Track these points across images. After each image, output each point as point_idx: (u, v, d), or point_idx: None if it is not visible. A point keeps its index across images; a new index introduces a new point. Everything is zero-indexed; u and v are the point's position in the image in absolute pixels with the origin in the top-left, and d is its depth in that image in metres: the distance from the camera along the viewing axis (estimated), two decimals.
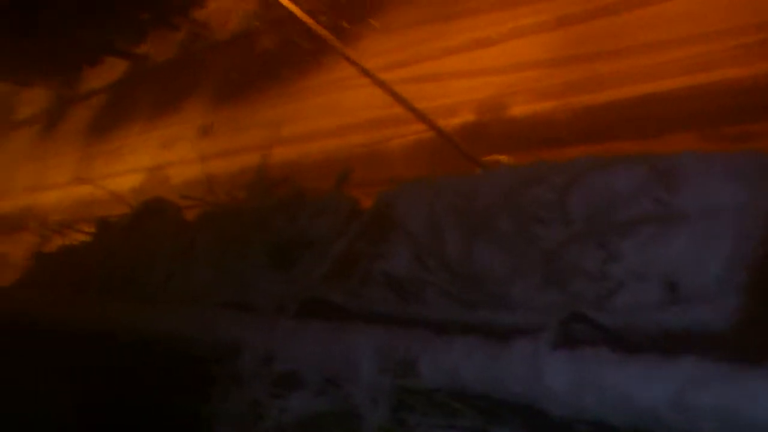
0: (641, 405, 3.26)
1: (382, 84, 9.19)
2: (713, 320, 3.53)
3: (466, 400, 3.98)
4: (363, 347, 4.26)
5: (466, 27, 11.98)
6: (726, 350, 3.34)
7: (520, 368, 3.72)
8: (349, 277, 5.18)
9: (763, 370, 2.97)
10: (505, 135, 10.44)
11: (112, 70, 22.20)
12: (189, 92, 18.66)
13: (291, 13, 8.93)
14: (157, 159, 18.25)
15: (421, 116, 9.42)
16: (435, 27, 12.55)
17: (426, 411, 4.12)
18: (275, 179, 11.03)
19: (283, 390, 4.76)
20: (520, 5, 11.36)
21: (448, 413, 4.05)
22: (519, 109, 10.46)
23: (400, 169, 11.74)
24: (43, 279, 9.51)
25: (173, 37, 20.53)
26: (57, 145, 23.31)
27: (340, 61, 11.54)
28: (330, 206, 6.02)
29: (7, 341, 8.53)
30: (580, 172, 4.81)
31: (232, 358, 5.21)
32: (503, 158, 10.10)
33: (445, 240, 4.97)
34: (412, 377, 4.09)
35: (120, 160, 19.67)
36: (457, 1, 12.52)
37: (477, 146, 10.06)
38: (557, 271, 4.57)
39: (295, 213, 6.31)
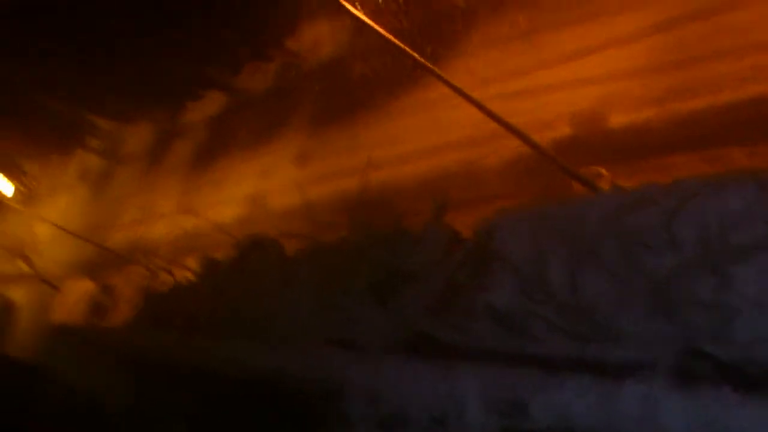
0: None
1: (475, 102, 9.08)
2: None
3: None
4: (470, 387, 4.19)
5: (557, 40, 11.76)
6: None
7: (635, 409, 3.58)
8: (452, 310, 5.13)
9: None
10: (603, 146, 10.16)
11: (211, 104, 22.95)
12: (285, 120, 19.05)
13: (382, 37, 8.97)
14: (257, 187, 18.65)
15: (516, 132, 9.25)
16: (525, 42, 12.38)
17: None
18: (372, 209, 11.15)
19: (390, 430, 4.74)
20: (612, 15, 11.07)
21: None
22: (616, 119, 10.17)
23: (497, 186, 11.58)
24: (154, 317, 9.83)
25: (268, 68, 21.03)
26: (161, 179, 24.18)
27: (432, 82, 11.54)
28: (429, 237, 5.98)
29: (121, 379, 8.88)
30: (687, 194, 4.61)
31: (339, 397, 5.23)
32: (602, 170, 9.83)
33: (549, 270, 4.85)
34: (522, 418, 4.00)
35: (222, 190, 20.20)
36: (545, 15, 12.32)
37: (575, 159, 9.78)
38: (667, 300, 4.39)
39: (394, 245, 6.29)
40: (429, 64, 8.93)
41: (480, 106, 9.05)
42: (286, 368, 5.72)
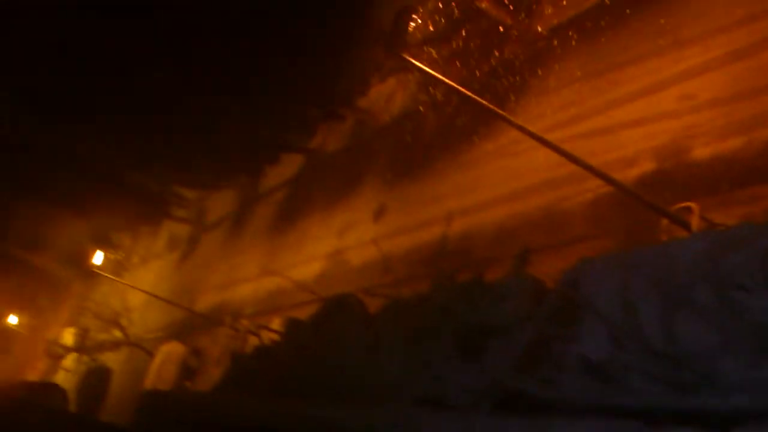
0: None
1: (551, 144, 8.89)
2: None
3: None
4: None
5: (631, 76, 11.50)
6: None
7: None
8: (541, 364, 4.92)
9: None
10: (690, 180, 9.76)
11: (289, 166, 23.44)
12: (361, 177, 19.27)
13: (451, 88, 8.94)
14: (336, 245, 18.82)
15: (596, 171, 9.00)
16: (597, 81, 12.18)
17: None
18: (452, 259, 11.00)
19: None
20: (686, 46, 10.77)
21: None
22: (701, 152, 9.78)
23: (580, 229, 11.26)
24: (240, 380, 9.85)
25: (341, 127, 21.42)
26: (244, 242, 24.69)
27: (504, 128, 11.44)
28: (512, 290, 5.78)
29: None
30: None
31: None
32: (692, 205, 9.45)
33: (641, 317, 4.60)
34: None
35: (302, 249, 20.46)
36: (615, 53, 12.12)
37: (661, 195, 9.47)
38: None
39: (478, 299, 6.13)
40: (501, 111, 8.83)
41: (556, 149, 8.85)
42: (375, 428, 5.58)
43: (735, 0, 10.37)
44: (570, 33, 13.40)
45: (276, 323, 17.22)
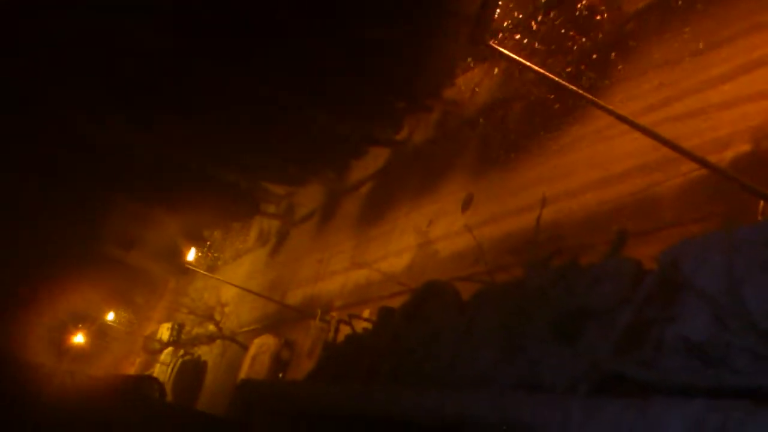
0: None
1: (642, 128, 8.71)
2: None
3: None
4: (674, 424, 3.91)
5: (725, 56, 11.15)
6: None
7: None
8: (641, 346, 4.84)
9: None
10: None
11: (376, 159, 23.66)
12: (449, 168, 19.25)
13: (539, 75, 8.85)
14: (425, 236, 18.85)
15: (689, 155, 8.78)
16: (689, 62, 11.86)
17: None
18: (546, 248, 10.76)
19: None
20: None
21: None
22: None
23: (674, 213, 11.03)
24: (334, 369, 9.99)
25: (428, 119, 21.44)
26: (333, 236, 25.02)
27: (594, 113, 11.26)
28: (610, 272, 5.70)
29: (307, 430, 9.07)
30: None
31: None
32: None
33: (746, 296, 4.49)
34: None
35: (390, 241, 20.61)
36: (711, 31, 11.75)
37: (758, 176, 9.18)
38: None
39: (573, 282, 6.07)
40: (590, 96, 8.69)
41: (648, 132, 8.68)
42: (473, 413, 5.61)
43: None
44: (660, 13, 13.09)
45: (366, 313, 17.44)
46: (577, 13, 14.57)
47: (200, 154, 22.24)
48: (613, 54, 13.71)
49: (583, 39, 14.51)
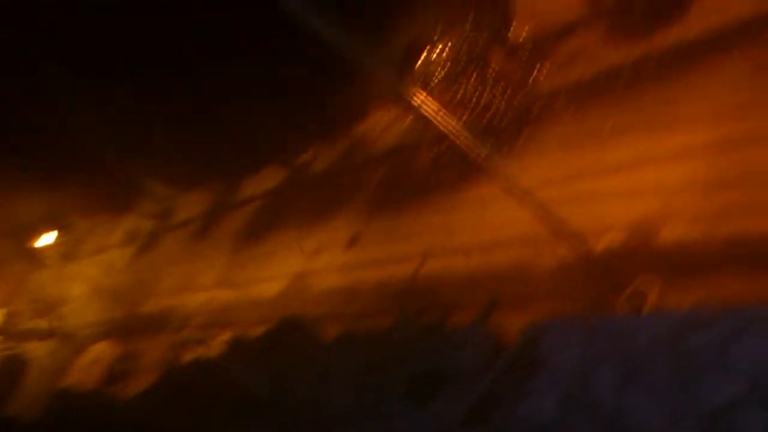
0: None
1: (532, 201, 9.70)
2: None
3: None
4: None
5: (623, 147, 12.26)
6: None
7: None
8: (489, 419, 5.41)
9: None
10: (655, 259, 10.57)
11: (270, 178, 23.96)
12: (343, 202, 19.85)
13: (447, 130, 9.77)
14: (304, 266, 19.16)
15: (570, 236, 9.85)
16: (587, 148, 12.95)
17: None
18: (420, 299, 11.61)
19: None
20: (676, 128, 11.67)
21: None
22: (671, 233, 10.54)
23: (547, 289, 11.99)
24: (175, 391, 10.17)
25: (333, 149, 21.91)
26: (208, 249, 25.06)
27: (492, 177, 12.34)
28: (474, 339, 6.37)
29: None
30: (743, 322, 4.79)
31: None
32: (653, 284, 10.37)
33: (595, 384, 5.10)
34: None
35: (267, 266, 20.88)
36: (613, 121, 13.02)
37: (626, 269, 10.34)
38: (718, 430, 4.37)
39: (438, 343, 6.70)
40: (491, 160, 9.67)
41: (537, 206, 9.74)
42: None
43: (731, 92, 11.34)
44: (571, 96, 14.34)
45: (223, 337, 17.70)
46: (497, 79, 15.87)
47: (91, 131, 22.11)
48: (522, 125, 14.93)
49: (498, 104, 15.78)
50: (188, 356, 17.37)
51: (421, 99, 9.14)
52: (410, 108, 17.85)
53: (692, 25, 13.23)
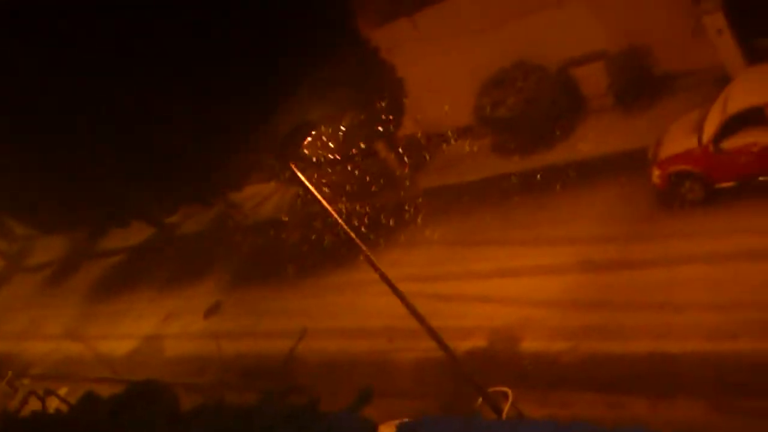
0: None
1: (400, 295, 9.75)
2: None
3: None
4: None
5: (492, 255, 12.88)
6: None
7: None
8: None
9: None
10: (513, 367, 10.91)
11: (136, 233, 23.21)
12: (208, 269, 19.61)
13: (324, 212, 9.73)
14: (158, 329, 18.72)
15: (433, 334, 9.92)
16: (462, 250, 13.54)
17: None
18: (278, 383, 11.41)
19: None
20: (545, 244, 12.31)
21: None
22: (531, 345, 11.02)
23: (405, 382, 12.16)
24: None
25: (205, 213, 21.66)
26: (60, 297, 23.98)
27: (364, 266, 12.36)
28: (344, 426, 6.26)
29: None
30: None
31: None
32: (508, 391, 10.57)
33: None
34: None
35: (120, 323, 20.16)
36: (486, 229, 13.64)
37: (484, 373, 10.49)
38: None
39: (306, 426, 6.53)
40: (365, 247, 9.67)
41: (405, 300, 9.79)
42: None
43: (598, 216, 12.15)
44: (448, 198, 14.99)
45: (63, 391, 16.75)
46: (382, 173, 16.17)
47: None
48: (401, 219, 15.33)
49: (376, 195, 16.03)
50: (25, 408, 16.33)
51: (301, 179, 9.05)
52: (289, 185, 17.92)
53: (570, 152, 14.30)
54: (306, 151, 14.99)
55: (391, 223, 15.35)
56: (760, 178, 10.42)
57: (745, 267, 9.69)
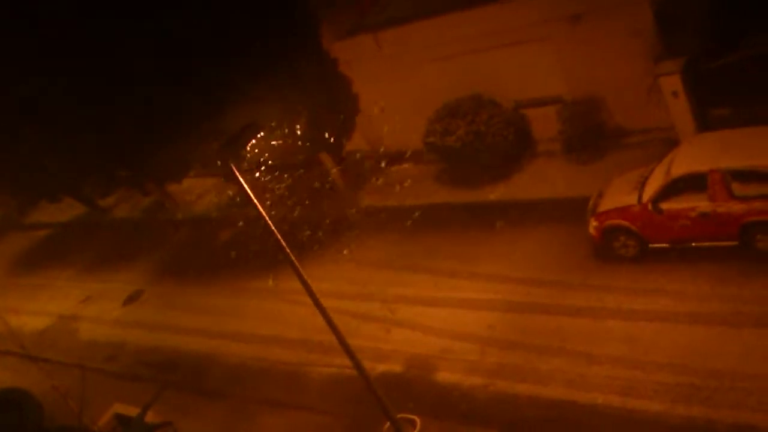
0: None
1: (322, 308, 9.48)
2: None
3: None
4: None
5: (421, 282, 12.67)
6: None
7: None
8: None
9: None
10: (425, 396, 10.69)
11: (67, 210, 22.72)
12: (135, 256, 19.10)
13: (259, 215, 9.43)
14: (75, 310, 18.18)
15: (349, 353, 9.67)
16: (392, 273, 13.36)
17: None
18: (180, 380, 11.04)
19: None
20: (475, 278, 12.14)
21: None
22: (446, 376, 10.79)
23: (314, 397, 11.91)
24: None
25: (140, 200, 21.27)
26: None
27: (289, 274, 12.11)
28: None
29: None
30: None
31: None
32: (416, 419, 10.39)
33: None
34: None
35: (36, 298, 19.52)
36: (419, 255, 13.48)
37: (395, 398, 10.27)
38: None
39: None
40: (293, 256, 9.39)
41: (326, 315, 9.52)
42: None
43: (532, 259, 12.02)
44: (388, 220, 14.74)
45: None
46: (319, 182, 15.95)
47: None
48: (336, 234, 15.12)
49: (314, 206, 15.79)
50: None
51: (239, 179, 8.76)
52: (228, 184, 17.58)
53: (513, 191, 14.20)
54: (250, 153, 14.67)
55: (325, 236, 15.09)
56: (693, 244, 10.40)
57: (667, 328, 9.64)
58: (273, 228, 9.20)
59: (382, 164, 16.46)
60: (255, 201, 9.00)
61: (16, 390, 9.28)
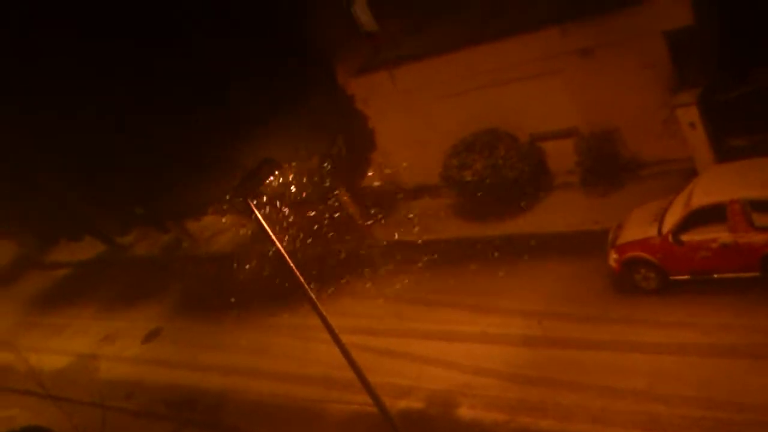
0: None
1: (341, 344, 9.44)
2: None
3: None
4: None
5: (441, 317, 12.63)
6: None
7: None
8: None
9: None
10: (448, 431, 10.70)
11: (87, 248, 22.78)
12: (153, 294, 19.14)
13: (277, 253, 9.44)
14: (95, 348, 18.19)
15: (369, 389, 9.62)
16: (412, 308, 13.31)
17: None
18: (205, 414, 10.97)
19: None
20: (495, 313, 12.05)
21: None
22: (467, 412, 10.66)
23: None
24: None
25: (159, 238, 21.33)
26: (1, 303, 23.40)
27: (308, 310, 12.06)
28: None
29: None
30: None
31: None
32: None
33: None
34: None
35: (57, 337, 19.53)
36: (438, 290, 13.41)
37: None
38: None
39: None
40: (312, 294, 9.37)
41: (345, 352, 9.48)
42: None
43: (552, 293, 11.90)
44: (407, 255, 14.71)
45: None
46: (342, 220, 15.96)
47: None
48: (353, 268, 15.13)
49: (332, 242, 15.79)
50: None
51: (257, 215, 8.78)
52: (246, 221, 17.60)
53: (531, 224, 14.04)
54: (268, 189, 14.72)
55: (344, 272, 15.10)
56: (715, 275, 10.29)
57: (690, 362, 9.51)
58: (291, 264, 9.20)
59: (400, 197, 16.45)
60: (273, 237, 9.03)
61: (37, 429, 9.28)
